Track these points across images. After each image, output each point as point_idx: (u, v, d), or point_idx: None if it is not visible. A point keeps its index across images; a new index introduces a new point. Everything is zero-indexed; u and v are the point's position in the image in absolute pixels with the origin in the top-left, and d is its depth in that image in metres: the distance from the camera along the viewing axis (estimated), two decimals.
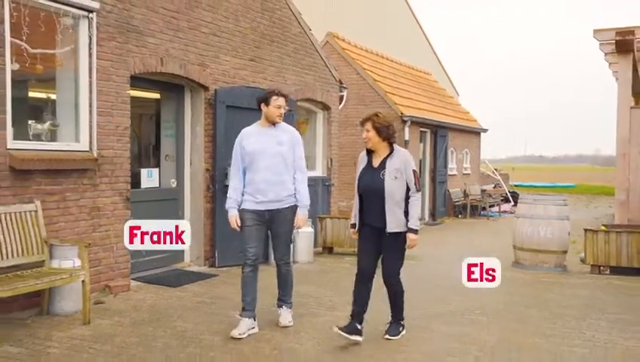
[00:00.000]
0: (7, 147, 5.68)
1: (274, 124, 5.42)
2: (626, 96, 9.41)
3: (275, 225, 5.40)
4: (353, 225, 5.28)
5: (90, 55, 6.49)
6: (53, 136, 6.44)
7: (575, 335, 5.52)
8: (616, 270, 8.41)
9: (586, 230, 8.67)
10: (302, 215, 5.47)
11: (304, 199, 5.47)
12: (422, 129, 16.13)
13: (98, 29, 6.54)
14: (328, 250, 10.09)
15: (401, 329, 5.24)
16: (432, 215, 16.97)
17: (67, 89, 6.56)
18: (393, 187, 4.91)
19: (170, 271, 7.98)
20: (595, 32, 9.30)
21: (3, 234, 5.49)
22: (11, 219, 5.60)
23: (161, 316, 5.91)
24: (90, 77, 6.50)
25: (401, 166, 4.96)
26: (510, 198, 21.19)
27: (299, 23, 10.32)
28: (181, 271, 8.00)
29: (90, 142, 6.55)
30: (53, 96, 6.61)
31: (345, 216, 9.63)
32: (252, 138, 5.42)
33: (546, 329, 5.67)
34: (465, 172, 19.69)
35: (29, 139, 6.10)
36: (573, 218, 9.83)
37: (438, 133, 16.91)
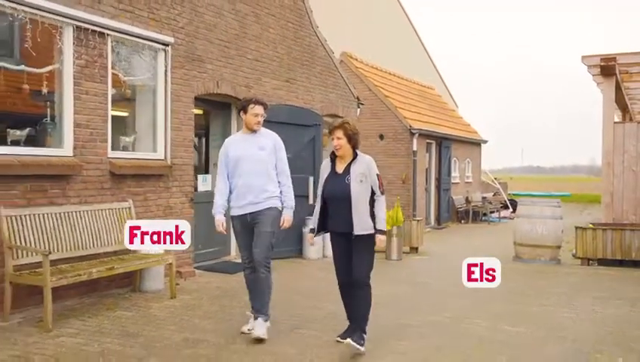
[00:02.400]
0: (108, 156, 7.06)
1: (254, 131, 5.57)
2: (609, 113, 10.86)
3: (256, 227, 5.45)
4: (312, 230, 5.30)
5: (165, 80, 7.91)
6: (135, 147, 7.81)
7: (565, 306, 6.92)
8: (602, 262, 9.82)
9: (576, 228, 10.10)
10: (287, 215, 5.54)
11: (289, 201, 5.55)
12: (428, 140, 17.55)
13: (172, 59, 7.94)
14: None
15: (362, 341, 4.91)
16: (437, 220, 18.34)
17: (146, 108, 7.96)
18: (359, 191, 4.94)
19: (221, 262, 9.33)
20: (583, 57, 10.76)
21: (106, 225, 6.86)
22: (112, 214, 6.97)
23: (230, 293, 7.28)
24: (166, 98, 7.91)
25: (365, 170, 4.99)
26: (509, 205, 22.59)
27: (324, 47, 11.74)
28: (231, 263, 9.35)
29: (165, 152, 7.94)
30: (135, 114, 7.97)
31: None
32: (235, 145, 5.59)
33: (542, 302, 7.07)
34: (467, 180, 21.10)
35: (120, 150, 7.46)
36: (567, 222, 11.22)
37: (442, 144, 18.33)
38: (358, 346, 4.83)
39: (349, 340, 4.87)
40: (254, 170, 5.43)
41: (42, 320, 5.71)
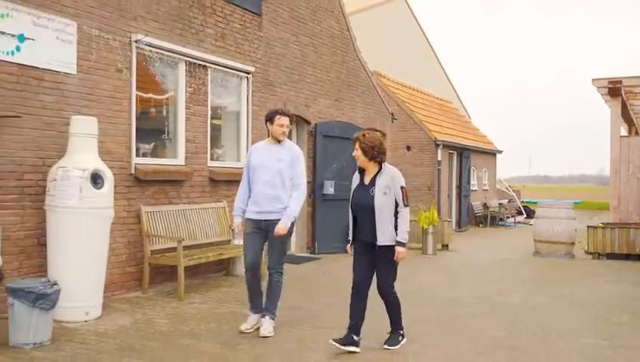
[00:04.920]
0: (208, 165, 8.72)
1: (279, 141, 5.74)
2: (616, 128, 12.51)
3: (270, 235, 5.64)
4: (349, 241, 5.40)
5: (247, 102, 9.57)
6: (223, 158, 9.45)
7: (581, 286, 8.53)
8: (611, 256, 11.46)
9: (588, 226, 11.74)
10: (282, 223, 5.58)
11: (290, 211, 5.63)
12: (450, 151, 19.16)
13: (252, 85, 9.62)
14: None
15: (400, 339, 5.26)
16: (458, 223, 19.89)
17: (231, 125, 9.62)
18: (383, 202, 5.04)
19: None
20: (593, 80, 12.41)
21: (208, 221, 8.50)
22: (212, 212, 8.62)
23: (306, 277, 8.92)
24: (247, 117, 9.57)
25: (389, 183, 5.09)
26: (523, 211, 24.15)
27: (365, 70, 13.41)
28: (294, 256, 10.96)
29: None
30: (223, 130, 9.61)
31: None
32: (257, 154, 5.80)
33: (562, 284, 8.69)
34: (484, 188, 22.69)
35: (214, 160, 9.10)
36: (578, 226, 12.81)
37: (462, 154, 19.93)
38: (393, 348, 5.19)
39: (385, 346, 5.17)
40: (271, 180, 5.61)
41: (171, 292, 7.39)
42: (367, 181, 5.21)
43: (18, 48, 6.03)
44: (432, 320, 6.39)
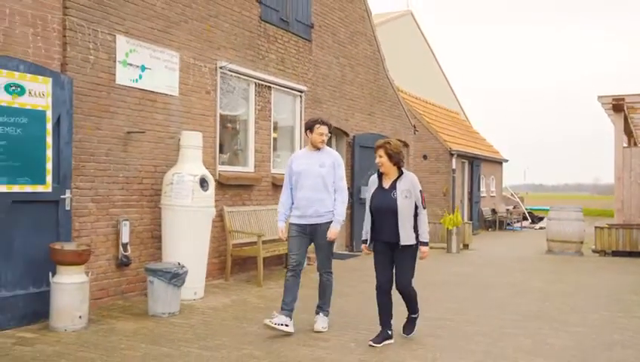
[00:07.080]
0: (271, 172, 10.09)
1: (318, 148, 5.98)
2: (620, 140, 13.99)
3: (316, 239, 5.88)
4: (365, 241, 5.64)
5: (300, 117, 10.95)
6: (278, 165, 10.80)
7: (592, 276, 9.93)
8: (615, 253, 12.90)
9: (596, 227, 13.15)
10: (333, 228, 5.86)
11: (338, 215, 5.88)
12: (462, 160, 20.58)
13: (304, 102, 11.00)
14: None
15: (414, 324, 5.74)
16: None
17: (285, 136, 10.99)
18: (404, 205, 5.33)
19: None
20: (599, 97, 13.90)
21: (273, 220, 9.84)
22: (275, 213, 9.94)
23: (355, 269, 10.26)
24: (300, 130, 10.94)
25: (409, 187, 5.39)
26: (528, 216, 25.57)
27: (392, 86, 14.82)
28: (337, 253, 12.14)
29: None
30: (278, 142, 10.98)
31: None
32: (299, 160, 6.01)
33: (575, 275, 10.08)
34: (492, 194, 24.10)
35: (274, 168, 10.46)
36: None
37: (473, 163, 21.35)
38: (412, 335, 5.71)
39: (404, 334, 5.68)
40: (314, 185, 5.84)
41: (248, 280, 8.73)
42: (386, 185, 5.47)
43: (140, 76, 7.41)
44: (475, 300, 7.75)
